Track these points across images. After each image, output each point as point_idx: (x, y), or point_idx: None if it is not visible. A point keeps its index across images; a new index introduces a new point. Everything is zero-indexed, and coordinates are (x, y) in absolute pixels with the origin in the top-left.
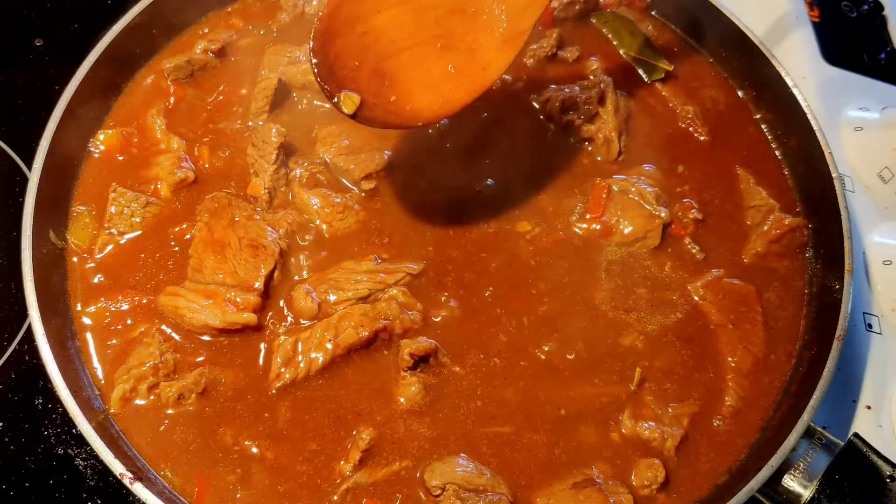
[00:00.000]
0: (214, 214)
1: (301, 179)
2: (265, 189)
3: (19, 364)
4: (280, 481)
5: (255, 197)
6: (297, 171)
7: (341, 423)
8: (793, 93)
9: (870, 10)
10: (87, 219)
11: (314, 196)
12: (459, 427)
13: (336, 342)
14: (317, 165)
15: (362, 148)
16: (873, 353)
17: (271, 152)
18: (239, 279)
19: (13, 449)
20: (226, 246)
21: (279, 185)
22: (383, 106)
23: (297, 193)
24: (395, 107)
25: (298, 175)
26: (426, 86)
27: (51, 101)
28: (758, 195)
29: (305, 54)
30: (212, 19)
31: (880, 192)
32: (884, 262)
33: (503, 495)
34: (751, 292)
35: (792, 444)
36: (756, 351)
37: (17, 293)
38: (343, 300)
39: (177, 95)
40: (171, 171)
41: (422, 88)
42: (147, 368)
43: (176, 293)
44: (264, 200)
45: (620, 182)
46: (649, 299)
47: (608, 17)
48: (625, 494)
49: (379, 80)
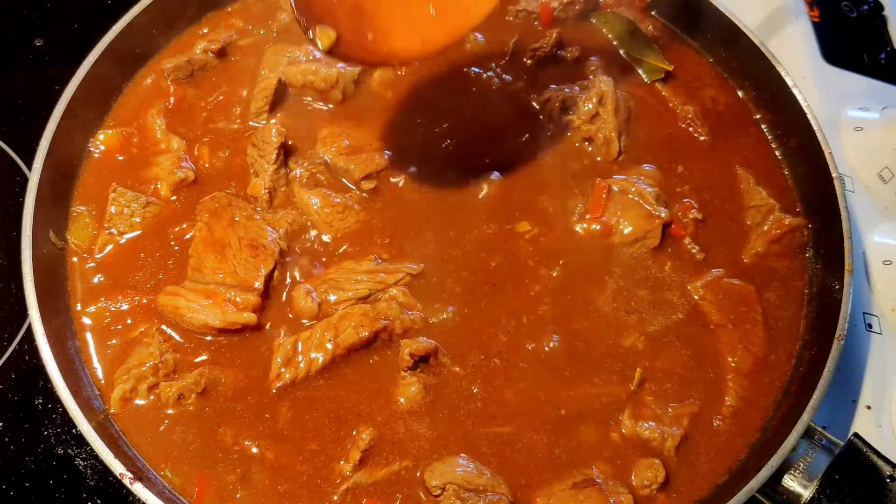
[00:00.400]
0: (214, 214)
1: (301, 179)
2: (265, 189)
3: (19, 364)
4: (280, 481)
5: (255, 197)
6: (297, 171)
7: (341, 424)
8: (793, 93)
9: (870, 10)
10: (86, 219)
11: (314, 196)
12: (459, 427)
13: (336, 342)
14: (317, 165)
15: (363, 148)
16: (873, 353)
17: (271, 152)
18: (239, 279)
19: (13, 449)
20: (226, 246)
21: (279, 185)
22: (360, 43)
23: (297, 193)
24: (372, 45)
25: (298, 175)
26: (405, 25)
27: (51, 101)
28: (758, 195)
29: (305, 54)
30: (212, 19)
31: (880, 192)
32: (884, 262)
33: (503, 495)
34: (751, 292)
35: (792, 444)
36: (756, 351)
37: (17, 293)
38: (343, 300)
39: (177, 95)
40: (170, 171)
41: (401, 27)
42: (147, 368)
43: (176, 293)
44: (264, 200)
45: (620, 182)
46: (649, 300)
47: (608, 17)
48: (625, 494)
49: (357, 17)
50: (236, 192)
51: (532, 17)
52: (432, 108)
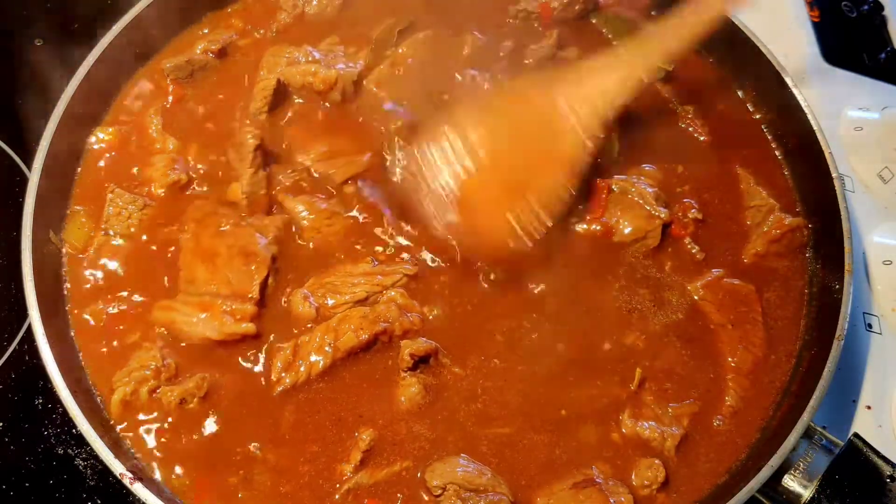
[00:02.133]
0: (200, 223)
1: (284, 184)
2: (243, 193)
3: (19, 364)
4: (281, 482)
5: (234, 202)
6: (280, 176)
7: (342, 425)
8: (793, 93)
9: (870, 10)
10: (82, 218)
11: (299, 203)
12: (460, 428)
13: (336, 345)
14: (300, 172)
15: (341, 152)
16: (873, 353)
17: (248, 155)
18: (233, 288)
19: (13, 449)
20: (215, 255)
21: (258, 189)
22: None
23: (282, 200)
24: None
25: (282, 180)
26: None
27: (51, 101)
28: (758, 195)
29: (305, 55)
30: (212, 19)
31: (880, 192)
32: (884, 261)
33: (504, 495)
34: (751, 292)
35: (792, 444)
36: (756, 351)
37: (17, 293)
38: (341, 303)
39: (176, 95)
40: (164, 173)
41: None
42: (149, 372)
43: (170, 307)
44: (243, 205)
45: (620, 182)
46: (649, 300)
47: (608, 17)
48: (625, 494)
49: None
50: (218, 198)
51: (532, 18)
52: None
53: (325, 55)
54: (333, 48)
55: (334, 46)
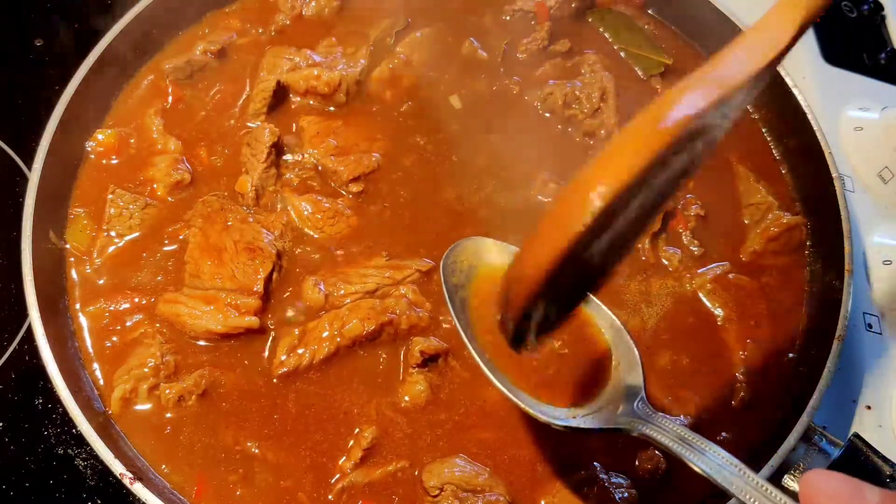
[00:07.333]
0: (208, 219)
1: (292, 183)
2: (252, 186)
3: (19, 364)
4: (281, 478)
5: (241, 193)
6: (288, 174)
7: (343, 421)
8: (793, 93)
9: (870, 10)
10: (84, 220)
11: (304, 202)
12: (460, 428)
13: (342, 332)
14: (308, 171)
15: (351, 149)
16: (873, 353)
17: (263, 151)
18: (238, 283)
19: (13, 449)
20: (222, 250)
21: (267, 184)
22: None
23: (287, 198)
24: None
25: (289, 178)
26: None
27: (51, 101)
28: (757, 193)
29: (305, 58)
30: (211, 20)
31: (880, 192)
32: (884, 261)
33: (501, 495)
34: (750, 290)
35: (792, 445)
36: (755, 350)
37: (17, 293)
38: (350, 293)
39: (175, 96)
40: (167, 173)
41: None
42: (148, 370)
43: (175, 300)
44: (251, 197)
45: None
46: (649, 296)
47: (605, 15)
48: (629, 489)
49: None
50: (225, 192)
51: (529, 17)
52: (430, 107)
53: (324, 57)
54: (332, 49)
55: (333, 48)
